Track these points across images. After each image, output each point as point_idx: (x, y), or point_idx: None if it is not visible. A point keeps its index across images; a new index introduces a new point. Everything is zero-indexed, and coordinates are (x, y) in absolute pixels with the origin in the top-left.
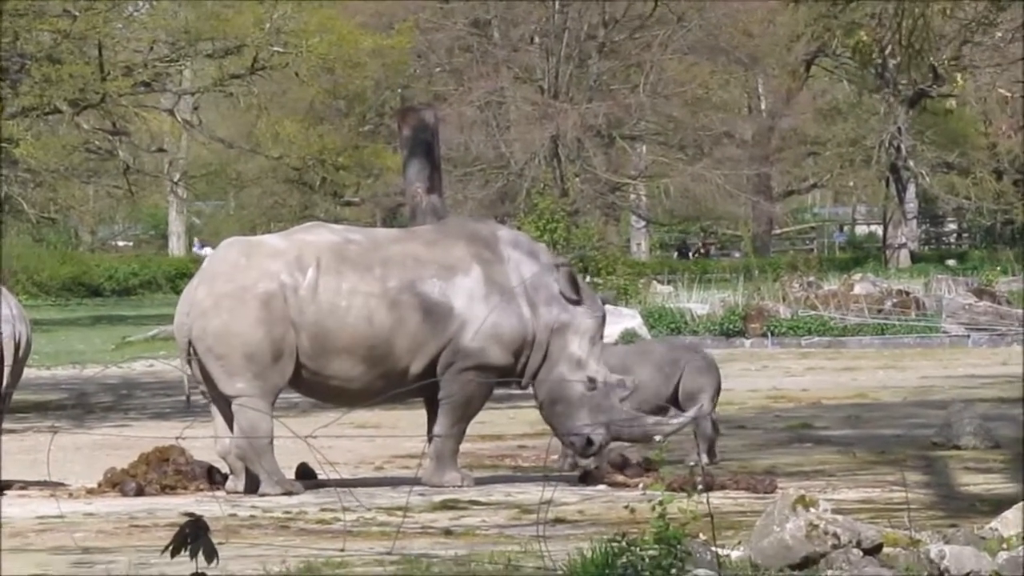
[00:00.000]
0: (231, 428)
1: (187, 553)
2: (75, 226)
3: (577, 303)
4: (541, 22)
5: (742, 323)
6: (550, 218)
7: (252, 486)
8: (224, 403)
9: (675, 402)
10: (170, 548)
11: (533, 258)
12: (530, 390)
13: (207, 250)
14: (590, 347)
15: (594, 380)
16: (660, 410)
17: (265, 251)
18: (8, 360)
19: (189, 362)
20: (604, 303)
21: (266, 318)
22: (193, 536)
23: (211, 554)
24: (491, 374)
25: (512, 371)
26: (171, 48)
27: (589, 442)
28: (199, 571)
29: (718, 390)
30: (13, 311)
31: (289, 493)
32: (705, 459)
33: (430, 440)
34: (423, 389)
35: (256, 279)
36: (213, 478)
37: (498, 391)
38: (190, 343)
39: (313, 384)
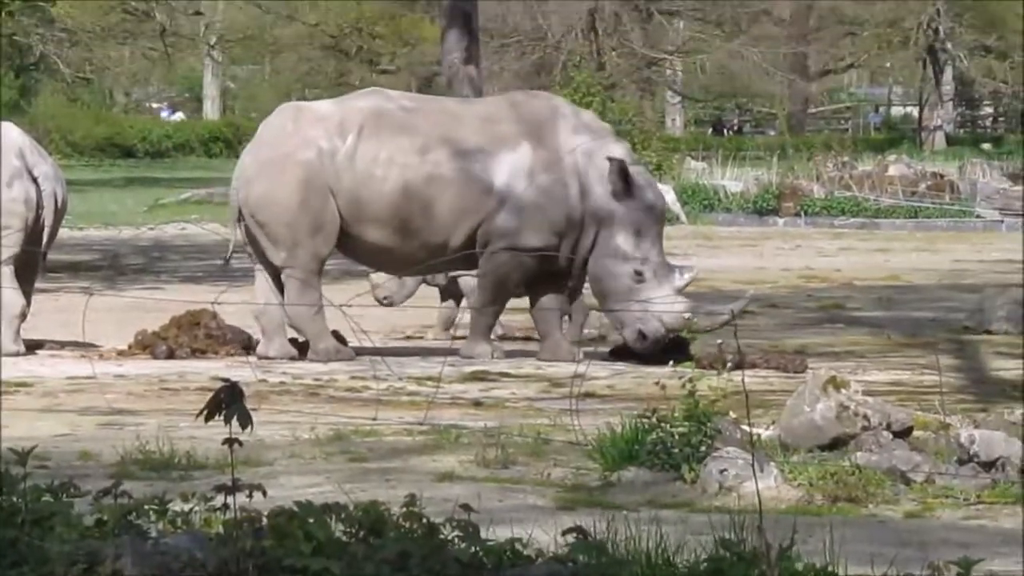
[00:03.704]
0: (274, 293)
1: (221, 418)
2: (110, 87)
3: (629, 197)
4: None
5: (776, 201)
6: (586, 92)
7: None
8: (269, 268)
9: None
10: (204, 413)
11: (593, 139)
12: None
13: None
14: (636, 240)
15: (641, 273)
16: None
17: (310, 117)
18: (48, 220)
19: (237, 225)
20: None
21: (304, 187)
22: (228, 401)
23: (245, 420)
24: (528, 252)
25: (553, 251)
26: None
27: (642, 335)
28: (232, 436)
29: None
30: (50, 171)
31: (330, 360)
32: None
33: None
34: (466, 260)
35: (297, 146)
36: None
37: None
38: (239, 208)
39: (355, 250)
